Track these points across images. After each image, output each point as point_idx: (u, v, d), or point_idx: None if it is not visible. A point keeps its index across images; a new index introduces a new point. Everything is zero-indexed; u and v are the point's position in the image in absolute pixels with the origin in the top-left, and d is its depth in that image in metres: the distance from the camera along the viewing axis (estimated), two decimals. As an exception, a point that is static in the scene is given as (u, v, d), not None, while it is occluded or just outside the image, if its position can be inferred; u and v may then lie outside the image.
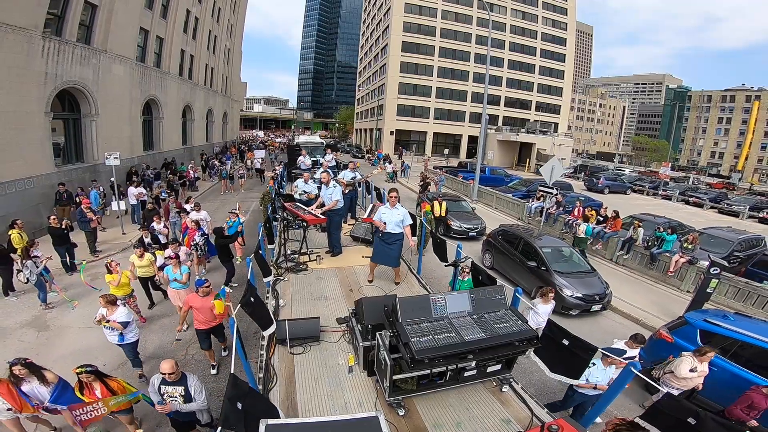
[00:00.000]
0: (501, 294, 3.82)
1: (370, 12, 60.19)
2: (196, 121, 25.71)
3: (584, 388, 4.11)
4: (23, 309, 7.36)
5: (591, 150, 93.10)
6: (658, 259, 10.00)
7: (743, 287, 8.73)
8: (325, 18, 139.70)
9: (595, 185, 26.54)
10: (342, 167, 12.68)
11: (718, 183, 44.47)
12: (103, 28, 13.87)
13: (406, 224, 5.96)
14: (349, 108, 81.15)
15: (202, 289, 5.03)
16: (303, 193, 8.95)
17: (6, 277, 7.54)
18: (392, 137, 46.80)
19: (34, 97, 10.69)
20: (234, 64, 36.58)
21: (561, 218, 13.00)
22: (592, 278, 8.02)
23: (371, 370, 3.86)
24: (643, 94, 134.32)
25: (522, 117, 49.42)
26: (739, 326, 5.23)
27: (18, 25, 9.94)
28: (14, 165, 10.03)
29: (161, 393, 3.69)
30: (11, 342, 6.29)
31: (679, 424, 2.68)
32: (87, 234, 9.41)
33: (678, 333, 5.61)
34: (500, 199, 16.98)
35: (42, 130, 11.03)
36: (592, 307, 7.57)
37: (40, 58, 10.82)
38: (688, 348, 5.46)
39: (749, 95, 72.57)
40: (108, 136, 14.35)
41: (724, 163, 75.35)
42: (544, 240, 8.88)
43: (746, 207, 23.75)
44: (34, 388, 3.66)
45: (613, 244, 11.15)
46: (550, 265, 7.91)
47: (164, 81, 19.86)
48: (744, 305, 8.62)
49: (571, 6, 51.14)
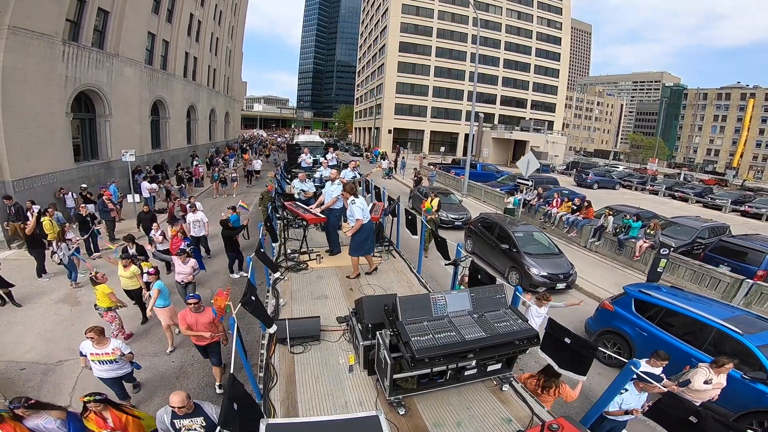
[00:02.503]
0: (501, 293, 3.83)
1: (369, 12, 61.13)
2: (199, 121, 26.73)
3: (615, 415, 3.93)
4: (56, 288, 8.37)
5: (589, 148, 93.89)
6: (625, 245, 11.00)
7: (698, 270, 9.73)
8: (325, 17, 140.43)
9: (585, 181, 27.55)
10: (343, 166, 12.81)
11: (710, 179, 45.37)
12: (115, 33, 14.87)
13: (356, 218, 6.03)
14: (348, 107, 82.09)
15: (193, 303, 4.77)
16: (300, 192, 8.99)
17: (40, 260, 8.55)
18: (390, 136, 47.80)
19: (57, 99, 11.71)
20: (235, 64, 37.54)
21: (541, 209, 14.00)
22: (559, 259, 9.04)
23: (371, 369, 3.85)
24: (642, 92, 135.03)
25: (518, 115, 50.38)
26: (669, 297, 6.12)
27: (42, 32, 10.94)
28: (42, 161, 11.08)
29: (176, 428, 3.39)
30: (49, 316, 7.26)
31: (680, 422, 2.69)
32: (107, 223, 10.45)
33: (618, 303, 6.58)
34: (488, 193, 18.05)
35: (63, 129, 12.07)
36: (556, 285, 8.57)
37: (61, 62, 11.83)
38: (624, 315, 6.44)
39: (744, 93, 73.29)
40: (120, 134, 15.37)
41: (719, 160, 76.04)
42: (518, 226, 9.89)
43: (728, 201, 24.77)
44: (39, 425, 3.32)
45: (586, 232, 12.16)
46: (520, 247, 8.93)
47: (170, 82, 20.86)
48: (699, 286, 9.59)
49: (566, 5, 52.03)
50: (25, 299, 7.71)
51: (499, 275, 9.33)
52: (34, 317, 7.21)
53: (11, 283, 7.49)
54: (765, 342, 5.12)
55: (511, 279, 9.02)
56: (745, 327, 5.27)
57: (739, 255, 10.26)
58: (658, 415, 2.88)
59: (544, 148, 37.38)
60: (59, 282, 8.54)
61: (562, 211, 12.64)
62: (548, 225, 13.49)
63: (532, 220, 13.89)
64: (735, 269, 9.60)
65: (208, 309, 5.03)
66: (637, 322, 6.14)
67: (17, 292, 7.70)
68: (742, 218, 22.74)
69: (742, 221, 21.31)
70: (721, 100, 77.21)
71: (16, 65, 10.04)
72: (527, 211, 13.89)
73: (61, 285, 8.45)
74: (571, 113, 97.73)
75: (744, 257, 10.17)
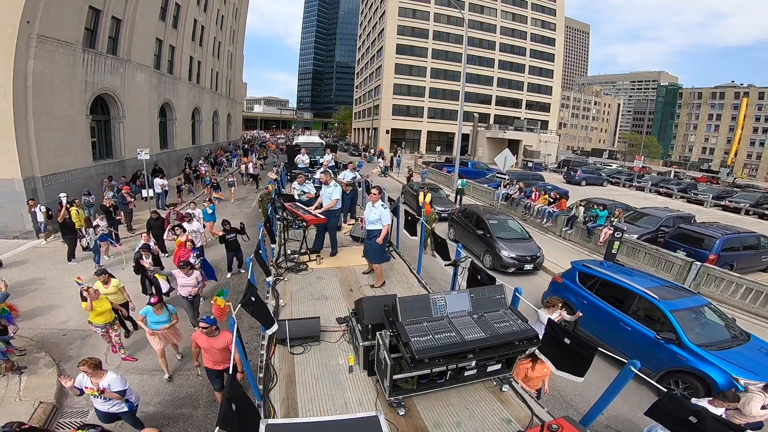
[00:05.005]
0: (501, 293, 3.85)
1: (367, 15, 62.34)
2: (203, 122, 27.90)
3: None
4: (84, 270, 9.52)
5: (587, 147, 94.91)
6: (594, 233, 12.14)
7: (654, 254, 10.86)
8: (324, 18, 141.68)
9: (573, 178, 28.69)
10: (342, 167, 12.92)
11: (702, 177, 46.50)
12: (127, 39, 16.02)
13: (384, 223, 6.01)
14: (348, 108, 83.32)
15: (205, 327, 4.32)
16: (302, 194, 9.11)
17: (71, 245, 9.73)
18: (388, 136, 48.96)
19: (78, 102, 12.89)
20: (236, 67, 38.72)
21: (522, 202, 15.16)
22: (528, 243, 10.19)
23: (371, 370, 3.86)
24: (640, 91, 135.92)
25: (513, 115, 51.52)
26: (607, 270, 7.19)
27: (66, 40, 12.09)
28: (66, 159, 12.28)
29: None
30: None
31: (680, 423, 2.71)
32: (125, 214, 11.63)
33: (565, 276, 7.70)
34: (476, 188, 19.27)
35: (83, 130, 13.26)
36: (524, 266, 9.72)
37: (81, 68, 12.99)
38: (570, 286, 7.49)
39: (738, 92, 74.29)
40: (132, 135, 16.55)
41: (714, 158, 76.93)
42: (492, 215, 11.07)
43: (710, 196, 25.91)
44: None
45: (560, 222, 13.31)
46: (493, 233, 10.09)
47: (176, 86, 22.04)
48: (656, 269, 10.65)
49: (559, 7, 53.17)
50: (58, 279, 8.88)
51: (476, 258, 10.47)
52: (69, 294, 8.29)
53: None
54: (677, 307, 5.99)
55: (485, 261, 10.17)
56: (663, 294, 6.22)
57: (695, 241, 11.36)
58: (658, 415, 2.86)
59: (537, 147, 38.55)
60: (87, 265, 9.72)
61: (539, 203, 13.81)
62: (528, 216, 14.63)
63: (514, 213, 15.04)
64: (690, 254, 10.63)
65: (224, 333, 4.44)
66: (579, 292, 7.23)
67: (52, 274, 8.95)
68: (722, 212, 23.81)
69: (721, 215, 22.34)
70: (715, 99, 78.21)
71: (44, 71, 11.20)
72: (509, 204, 15.04)
73: (89, 267, 9.61)
74: (569, 113, 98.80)
75: (700, 243, 11.25)
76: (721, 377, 5.29)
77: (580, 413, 4.78)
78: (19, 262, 9.72)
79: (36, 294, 8.12)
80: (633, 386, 5.24)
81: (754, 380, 5.08)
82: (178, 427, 4.97)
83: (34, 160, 11.01)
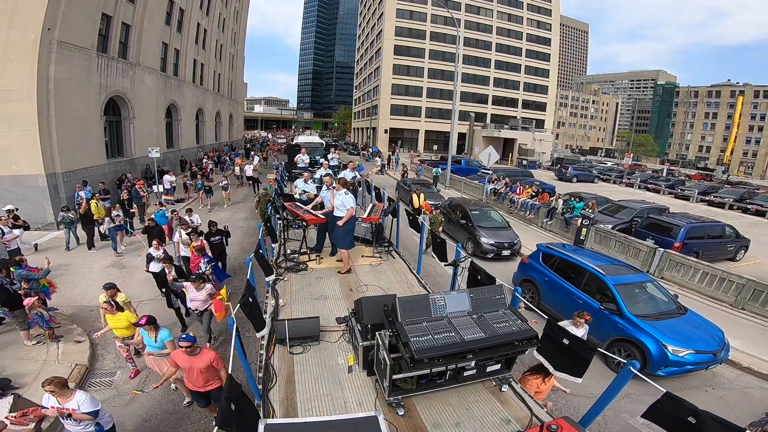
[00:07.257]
0: (500, 293, 3.86)
1: (365, 16, 63.36)
2: (206, 123, 28.91)
3: None
4: (104, 257, 10.57)
5: (585, 146, 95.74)
6: (571, 223, 13.09)
7: (623, 241, 11.78)
8: (324, 19, 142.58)
9: (564, 175, 29.64)
10: (342, 167, 12.87)
11: (696, 175, 47.35)
12: (136, 44, 17.02)
13: (347, 207, 6.39)
14: (347, 108, 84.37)
15: (187, 346, 4.03)
16: (303, 193, 9.13)
17: (90, 235, 10.74)
18: (386, 135, 49.97)
19: (93, 104, 13.90)
20: (237, 68, 39.69)
21: (508, 196, 16.14)
22: (506, 231, 11.19)
23: (371, 370, 3.88)
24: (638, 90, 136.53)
25: (509, 114, 52.49)
26: (567, 251, 8.07)
27: (82, 46, 13.09)
28: (83, 157, 13.30)
29: None
30: (104, 276, 9.23)
31: (679, 423, 2.73)
32: (138, 207, 12.64)
33: (531, 257, 8.62)
34: (467, 184, 20.33)
35: (98, 130, 14.28)
36: (502, 252, 10.69)
37: (95, 72, 14.00)
38: (534, 265, 8.27)
39: (734, 90, 74.96)
40: (141, 135, 17.57)
41: (711, 156, 77.60)
42: (475, 206, 12.05)
43: (696, 192, 26.85)
44: None
45: (542, 214, 14.28)
46: (475, 222, 11.07)
47: (181, 88, 23.05)
48: (625, 256, 11.48)
49: (555, 7, 54.08)
50: (81, 265, 9.90)
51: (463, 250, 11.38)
52: (93, 277, 9.31)
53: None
54: (620, 282, 6.74)
55: (468, 248, 11.13)
56: (609, 270, 7.02)
57: (663, 230, 12.26)
58: (657, 416, 2.87)
59: (532, 146, 39.49)
60: (105, 253, 10.75)
61: (523, 197, 14.78)
62: (513, 209, 15.61)
63: (501, 206, 16.02)
64: (658, 242, 11.52)
65: (206, 352, 4.26)
66: (542, 270, 8.13)
67: (76, 261, 9.97)
68: (707, 207, 24.73)
69: (705, 209, 23.26)
70: (711, 97, 78.89)
71: (64, 75, 12.19)
72: (497, 198, 16.01)
73: (108, 255, 10.66)
74: (567, 111, 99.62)
75: (668, 232, 12.14)
76: (654, 345, 5.87)
77: (579, 413, 4.74)
78: (43, 250, 10.71)
79: (63, 278, 9.06)
80: (633, 386, 5.10)
81: (681, 347, 5.89)
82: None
83: (55, 157, 12.01)
